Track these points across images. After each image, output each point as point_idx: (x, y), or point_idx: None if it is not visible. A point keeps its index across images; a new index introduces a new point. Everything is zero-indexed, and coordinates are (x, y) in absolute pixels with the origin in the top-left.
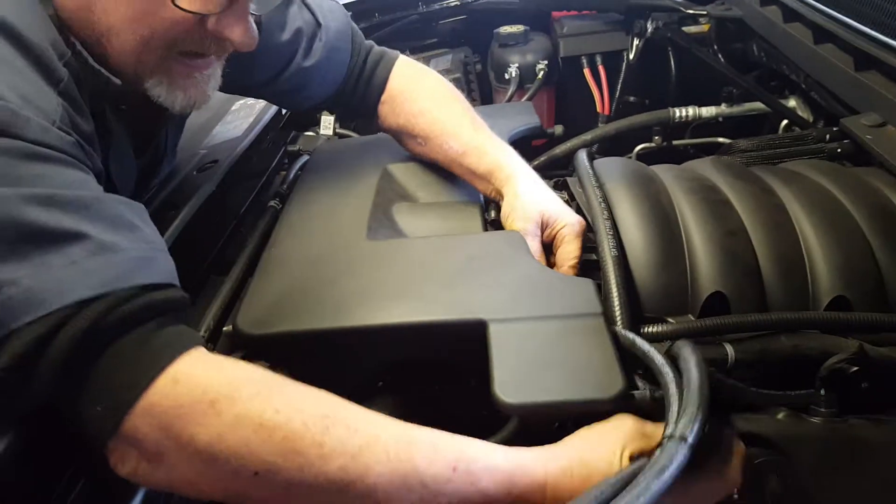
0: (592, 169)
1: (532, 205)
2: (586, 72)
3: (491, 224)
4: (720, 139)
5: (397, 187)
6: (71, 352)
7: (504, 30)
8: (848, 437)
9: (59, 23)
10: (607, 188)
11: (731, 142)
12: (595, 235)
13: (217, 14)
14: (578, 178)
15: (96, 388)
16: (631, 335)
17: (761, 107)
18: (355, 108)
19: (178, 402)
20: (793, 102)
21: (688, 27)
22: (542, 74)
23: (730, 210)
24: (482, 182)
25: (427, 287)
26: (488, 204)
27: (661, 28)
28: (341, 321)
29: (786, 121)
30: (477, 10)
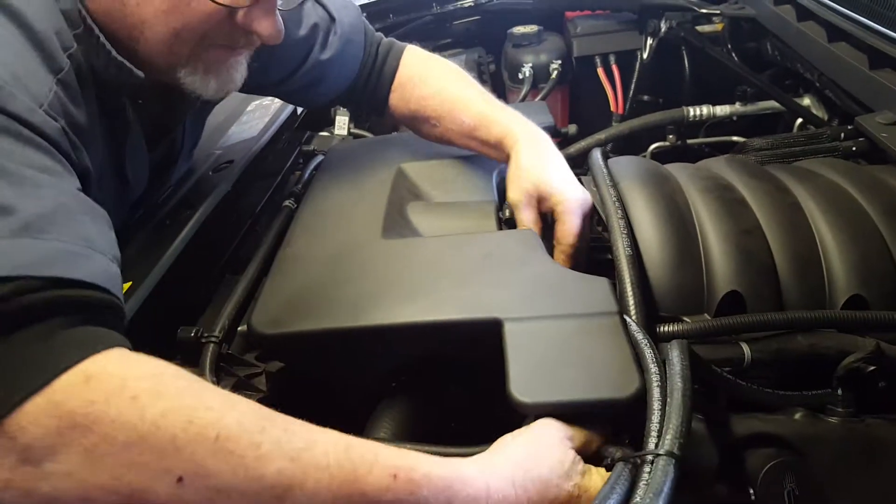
0: (607, 168)
1: (528, 175)
2: (600, 71)
3: (505, 223)
4: (734, 138)
5: (412, 186)
6: None
7: (517, 30)
8: (865, 436)
9: (81, 16)
10: (621, 187)
11: (746, 140)
12: (609, 234)
13: (246, 7)
14: (592, 176)
15: None
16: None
17: (776, 105)
18: (367, 102)
19: (89, 399)
20: (807, 101)
21: (701, 26)
22: (556, 74)
23: (745, 209)
24: (494, 151)
25: (442, 286)
26: (503, 202)
27: (675, 27)
28: (356, 320)
29: (800, 119)
30: (491, 10)
